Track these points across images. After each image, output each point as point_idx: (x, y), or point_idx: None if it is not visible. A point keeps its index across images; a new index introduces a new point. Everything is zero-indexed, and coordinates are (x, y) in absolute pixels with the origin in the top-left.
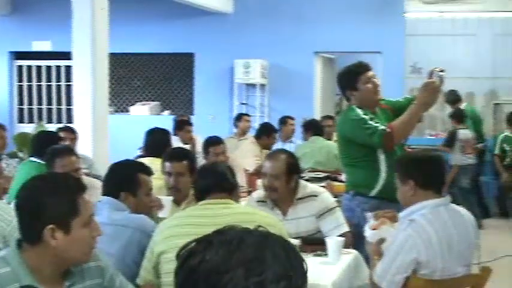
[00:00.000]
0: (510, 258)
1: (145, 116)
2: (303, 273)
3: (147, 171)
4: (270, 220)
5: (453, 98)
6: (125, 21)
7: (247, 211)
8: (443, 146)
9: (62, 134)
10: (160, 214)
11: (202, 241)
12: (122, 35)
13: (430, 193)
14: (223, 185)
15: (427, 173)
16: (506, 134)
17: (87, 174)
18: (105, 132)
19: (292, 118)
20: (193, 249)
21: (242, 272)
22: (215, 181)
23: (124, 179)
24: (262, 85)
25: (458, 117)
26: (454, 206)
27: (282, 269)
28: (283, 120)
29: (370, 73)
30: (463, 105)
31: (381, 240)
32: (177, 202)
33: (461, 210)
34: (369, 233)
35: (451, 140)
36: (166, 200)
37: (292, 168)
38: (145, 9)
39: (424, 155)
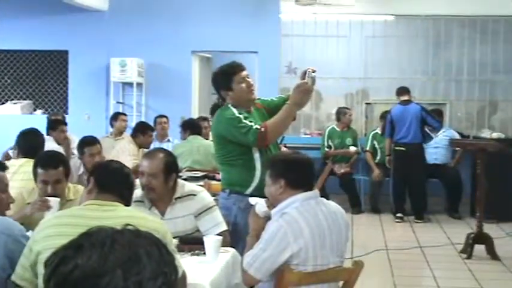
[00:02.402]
0: (380, 252)
1: (16, 115)
2: (175, 268)
3: (1, 167)
4: (155, 225)
5: None
6: None
7: (132, 215)
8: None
9: None
10: (48, 215)
11: (71, 245)
12: None
13: (298, 191)
14: (113, 185)
15: (298, 174)
16: (376, 131)
17: None
18: None
19: (164, 116)
20: (63, 255)
21: (120, 273)
22: (107, 180)
23: None
24: (139, 84)
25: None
26: (323, 199)
27: (157, 266)
28: (154, 120)
29: (244, 73)
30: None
31: (268, 217)
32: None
33: (331, 203)
34: (258, 206)
35: None
36: (54, 200)
37: (170, 167)
38: (16, 5)
39: (296, 157)
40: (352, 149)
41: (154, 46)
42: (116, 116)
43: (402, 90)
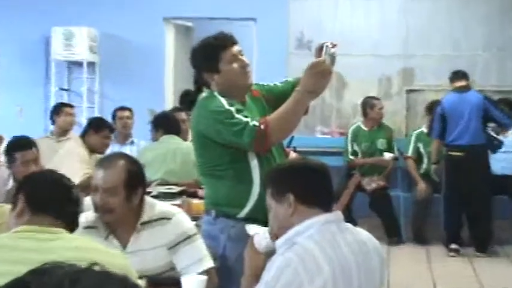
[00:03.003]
0: None
1: None
2: None
3: None
4: (115, 260)
5: None
6: None
7: (85, 246)
8: None
9: None
10: None
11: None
12: None
13: (316, 211)
14: (49, 204)
15: (310, 185)
16: (422, 130)
17: None
18: None
19: (127, 109)
20: None
21: None
22: (41, 197)
23: None
24: (91, 63)
25: None
26: (349, 225)
27: None
28: (113, 113)
29: (236, 48)
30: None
31: (271, 252)
32: None
33: (360, 230)
34: (258, 237)
35: None
36: None
37: (135, 179)
38: None
39: (305, 163)
40: (387, 156)
41: (112, 11)
42: (58, 109)
43: (457, 74)
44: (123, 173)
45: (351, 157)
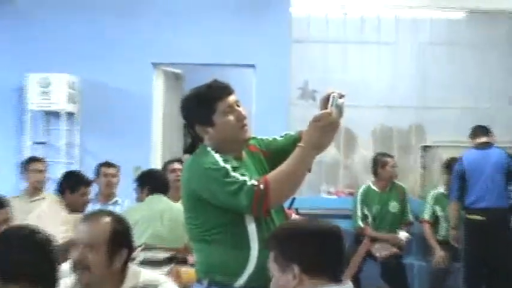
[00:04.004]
0: None
1: None
2: None
3: None
4: None
5: None
6: None
7: None
8: None
9: None
10: None
11: None
12: None
13: (324, 281)
14: (19, 267)
15: (321, 253)
16: (439, 191)
17: None
18: None
19: (113, 165)
20: None
21: None
22: (10, 260)
23: None
24: (70, 114)
25: None
26: None
27: None
28: (96, 169)
29: (232, 98)
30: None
31: None
32: None
33: None
34: None
35: None
36: None
37: (120, 238)
38: None
39: (316, 226)
40: (402, 235)
41: (94, 55)
42: (27, 164)
43: (478, 130)
44: (107, 230)
45: (361, 224)
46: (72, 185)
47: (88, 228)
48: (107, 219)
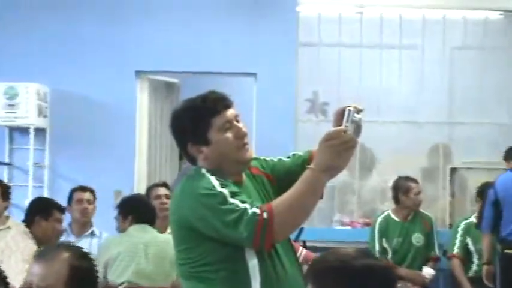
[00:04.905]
0: None
1: None
2: None
3: None
4: None
5: None
6: None
7: None
8: None
9: None
10: None
11: None
12: None
13: None
14: None
15: None
16: (470, 220)
17: None
18: None
19: (88, 190)
20: None
21: None
22: None
23: None
24: (40, 130)
25: None
26: None
27: None
28: (70, 195)
29: (231, 112)
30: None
31: None
32: None
33: None
34: None
35: None
36: None
37: (80, 279)
38: None
39: (366, 265)
40: (427, 273)
41: (67, 62)
42: None
43: None
44: (64, 269)
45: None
46: (43, 209)
47: (41, 269)
48: (65, 255)
